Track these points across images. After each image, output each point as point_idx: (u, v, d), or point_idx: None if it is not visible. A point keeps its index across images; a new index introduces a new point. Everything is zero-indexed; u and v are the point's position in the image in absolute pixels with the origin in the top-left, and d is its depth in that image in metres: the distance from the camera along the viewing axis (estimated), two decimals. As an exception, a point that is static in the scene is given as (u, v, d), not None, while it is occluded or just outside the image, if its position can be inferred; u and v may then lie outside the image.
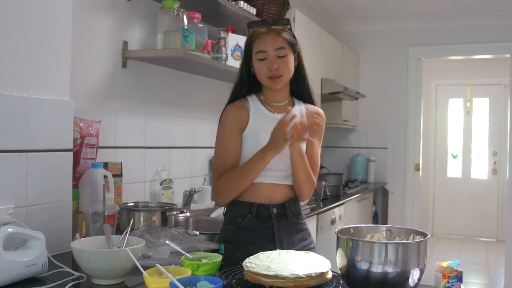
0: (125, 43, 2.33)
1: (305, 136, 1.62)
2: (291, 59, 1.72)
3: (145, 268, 1.20)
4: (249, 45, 1.74)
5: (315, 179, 1.80)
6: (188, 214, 2.55)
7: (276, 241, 1.73)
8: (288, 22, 1.75)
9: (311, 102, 1.86)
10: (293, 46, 1.73)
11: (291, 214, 1.78)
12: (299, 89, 1.83)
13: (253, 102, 1.79)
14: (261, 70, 1.71)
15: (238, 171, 1.70)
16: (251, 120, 1.75)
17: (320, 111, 1.86)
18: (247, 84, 1.80)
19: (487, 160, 7.38)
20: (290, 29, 1.75)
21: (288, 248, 1.66)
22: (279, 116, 1.73)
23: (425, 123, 6.25)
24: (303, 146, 1.73)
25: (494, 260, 5.98)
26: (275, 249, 1.55)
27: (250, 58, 1.75)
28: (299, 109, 1.81)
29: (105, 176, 1.94)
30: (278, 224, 1.74)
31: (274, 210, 1.74)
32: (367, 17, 5.14)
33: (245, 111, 1.76)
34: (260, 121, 1.75)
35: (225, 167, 1.73)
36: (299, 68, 1.79)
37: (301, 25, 3.57)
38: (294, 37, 1.75)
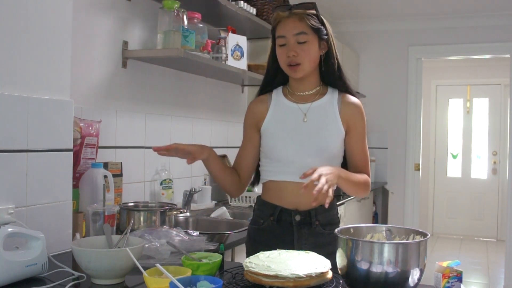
0: (125, 43, 2.33)
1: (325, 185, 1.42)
2: (313, 46, 1.61)
3: (145, 268, 1.20)
4: (273, 30, 1.67)
5: (365, 180, 1.69)
6: (188, 214, 2.55)
7: (295, 250, 1.61)
8: (312, 5, 1.64)
9: (347, 91, 1.72)
10: (318, 32, 1.62)
11: (317, 223, 1.65)
12: (331, 79, 1.71)
13: (276, 94, 1.73)
14: (280, 57, 1.64)
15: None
16: (269, 112, 1.70)
17: (356, 102, 1.70)
18: (274, 74, 1.73)
19: (487, 160, 7.38)
20: (316, 14, 1.63)
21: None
22: (302, 106, 1.68)
23: (425, 123, 6.25)
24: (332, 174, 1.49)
25: (494, 260, 5.98)
26: None
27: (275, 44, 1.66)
28: (330, 99, 1.69)
29: (105, 176, 1.94)
30: (299, 232, 1.65)
31: (297, 217, 1.64)
32: (367, 17, 5.13)
33: (265, 105, 1.72)
34: (279, 112, 1.70)
35: (237, 159, 1.78)
36: (328, 56, 1.67)
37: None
38: (321, 22, 1.64)
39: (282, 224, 1.67)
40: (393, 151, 5.22)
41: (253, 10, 2.94)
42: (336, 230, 1.30)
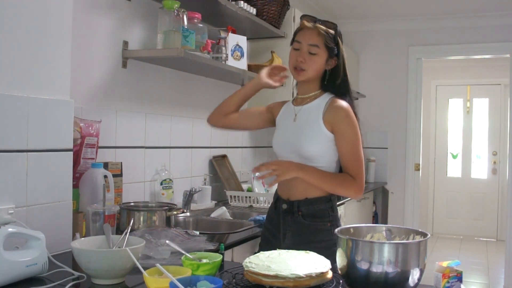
0: (125, 43, 2.33)
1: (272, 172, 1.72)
2: (320, 59, 1.79)
3: (145, 268, 1.20)
4: (294, 35, 1.86)
5: (345, 179, 1.77)
6: (188, 214, 2.55)
7: (281, 233, 1.86)
8: (334, 27, 1.83)
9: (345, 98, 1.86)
10: (329, 49, 1.80)
11: (300, 214, 1.82)
12: (337, 92, 1.86)
13: (290, 100, 1.98)
14: (291, 58, 1.84)
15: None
16: (279, 113, 1.97)
17: (341, 105, 1.79)
18: None
19: (487, 160, 7.38)
20: (334, 36, 1.81)
21: (294, 245, 1.68)
22: (296, 107, 1.89)
23: (425, 123, 6.25)
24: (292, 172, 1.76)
25: (494, 260, 5.98)
26: (281, 240, 1.81)
27: None
28: (319, 103, 1.83)
29: (105, 176, 1.94)
30: (284, 219, 1.85)
31: (284, 206, 1.85)
32: (367, 17, 5.13)
33: (281, 106, 1.99)
34: (284, 113, 1.95)
35: (246, 109, 2.08)
36: (337, 71, 1.84)
37: (301, 25, 3.57)
38: (336, 43, 1.82)
39: (276, 211, 1.91)
40: (393, 151, 5.22)
41: (253, 10, 2.94)
42: (336, 230, 1.31)
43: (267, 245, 1.89)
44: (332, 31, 1.81)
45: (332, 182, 1.79)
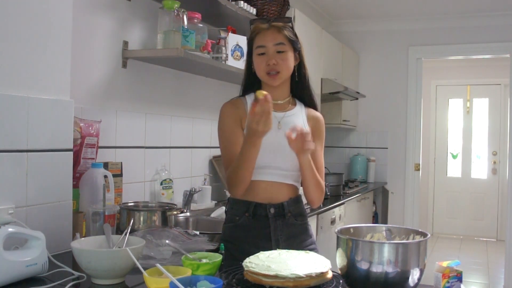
0: (125, 43, 2.33)
1: (311, 145, 1.58)
2: (290, 56, 1.72)
3: (145, 268, 1.20)
4: (250, 41, 1.76)
5: (323, 185, 1.77)
6: (188, 214, 2.55)
7: (272, 241, 1.72)
8: (289, 20, 1.77)
9: (312, 104, 1.85)
10: (294, 43, 1.73)
11: (290, 215, 1.76)
12: (300, 89, 1.83)
13: (250, 100, 1.76)
14: (259, 65, 1.71)
15: (236, 160, 1.65)
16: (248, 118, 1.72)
17: (319, 116, 1.85)
18: (250, 82, 1.81)
19: (487, 160, 7.38)
20: (292, 28, 1.76)
21: (286, 249, 1.65)
22: (277, 114, 1.74)
23: (425, 123, 6.25)
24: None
25: (494, 260, 5.98)
26: (271, 249, 1.56)
27: (252, 55, 1.76)
28: (299, 110, 1.82)
29: (105, 176, 1.94)
30: (275, 224, 1.73)
31: (272, 210, 1.73)
32: (367, 17, 5.13)
33: (242, 109, 1.76)
34: None
35: (231, 158, 1.70)
36: (300, 67, 1.79)
37: (301, 25, 3.58)
38: (295, 35, 1.76)
39: (257, 218, 1.73)
40: (393, 151, 5.22)
41: (253, 10, 2.94)
42: (336, 230, 1.31)
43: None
44: (289, 24, 1.75)
45: (319, 180, 1.73)
